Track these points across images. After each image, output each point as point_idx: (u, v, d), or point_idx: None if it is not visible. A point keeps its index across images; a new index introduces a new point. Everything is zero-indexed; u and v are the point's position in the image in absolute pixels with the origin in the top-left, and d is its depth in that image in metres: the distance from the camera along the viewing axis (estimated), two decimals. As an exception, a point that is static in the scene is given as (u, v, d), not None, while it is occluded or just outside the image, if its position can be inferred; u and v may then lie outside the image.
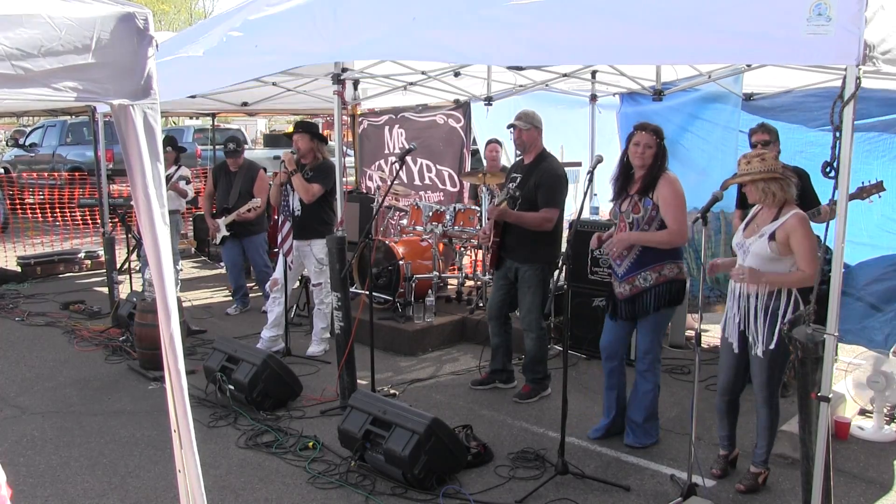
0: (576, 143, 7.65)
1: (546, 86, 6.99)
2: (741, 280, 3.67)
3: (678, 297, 4.22)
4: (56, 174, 14.60)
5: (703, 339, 4.18)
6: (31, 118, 19.66)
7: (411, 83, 7.39)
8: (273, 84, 7.60)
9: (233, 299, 7.83)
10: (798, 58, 2.81)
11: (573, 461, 4.06)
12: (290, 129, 6.68)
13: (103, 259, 8.51)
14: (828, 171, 2.71)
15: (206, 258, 10.60)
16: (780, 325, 3.60)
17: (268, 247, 7.66)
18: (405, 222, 7.32)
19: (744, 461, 4.07)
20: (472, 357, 6.10)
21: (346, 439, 4.16)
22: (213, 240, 7.76)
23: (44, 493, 3.89)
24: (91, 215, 11.74)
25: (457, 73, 6.86)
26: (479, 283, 7.14)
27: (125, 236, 8.96)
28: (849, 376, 4.86)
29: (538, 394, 5.22)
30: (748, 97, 6.55)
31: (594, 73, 6.59)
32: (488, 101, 7.14)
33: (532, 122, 5.03)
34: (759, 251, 3.64)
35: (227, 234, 7.36)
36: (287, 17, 4.44)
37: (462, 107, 8.13)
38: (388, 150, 9.15)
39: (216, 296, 8.52)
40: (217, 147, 13.40)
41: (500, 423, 4.84)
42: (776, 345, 3.63)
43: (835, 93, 2.67)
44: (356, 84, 8.08)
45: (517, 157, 5.52)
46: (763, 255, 3.63)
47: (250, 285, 8.10)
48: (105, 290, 7.92)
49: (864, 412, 4.87)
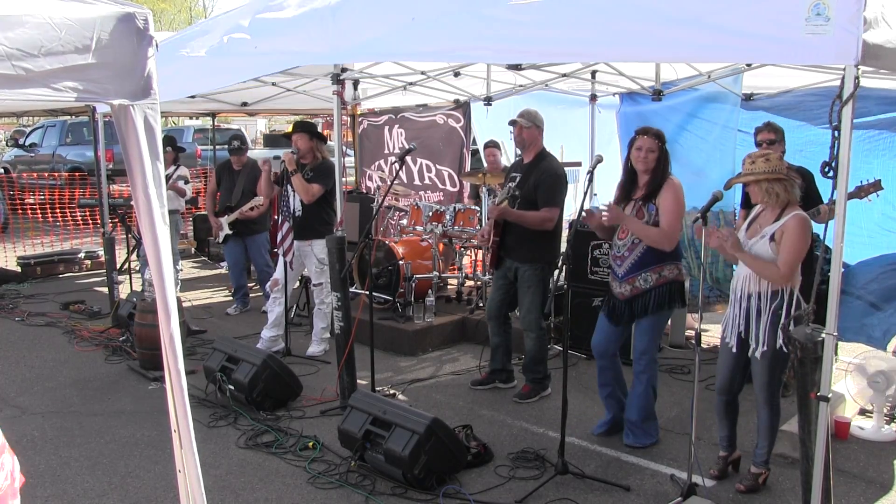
0: (575, 143, 7.65)
1: (546, 86, 6.99)
2: (720, 243, 3.61)
3: (677, 298, 4.23)
4: (56, 174, 14.59)
5: (703, 339, 4.18)
6: (31, 118, 19.67)
7: (411, 83, 7.38)
8: (273, 84, 7.60)
9: (233, 299, 7.83)
10: (797, 58, 2.82)
11: (573, 461, 4.06)
12: (290, 129, 6.66)
13: (103, 259, 8.51)
14: (826, 170, 2.72)
15: (206, 258, 10.60)
16: (783, 325, 3.60)
17: (269, 246, 7.67)
18: (405, 222, 7.32)
19: (744, 461, 4.07)
20: (472, 357, 6.10)
21: (346, 439, 4.16)
22: (216, 238, 7.77)
23: (44, 493, 3.89)
24: (91, 215, 11.74)
25: (457, 73, 6.86)
26: (479, 283, 7.14)
27: (125, 236, 8.97)
28: (849, 376, 4.87)
29: (538, 394, 5.22)
30: (748, 97, 6.55)
31: (594, 73, 6.59)
32: (488, 101, 7.14)
33: (533, 121, 5.03)
34: (760, 252, 3.64)
35: (229, 232, 7.37)
36: (287, 18, 4.44)
37: (462, 107, 8.13)
38: (387, 150, 9.15)
39: (216, 296, 8.53)
40: (217, 147, 13.40)
41: (500, 423, 4.84)
42: (777, 345, 3.63)
43: (834, 92, 2.67)
44: (356, 84, 8.08)
45: (517, 157, 5.52)
46: (764, 255, 3.62)
47: (251, 285, 8.11)
48: (105, 290, 7.93)
49: (864, 412, 4.88)
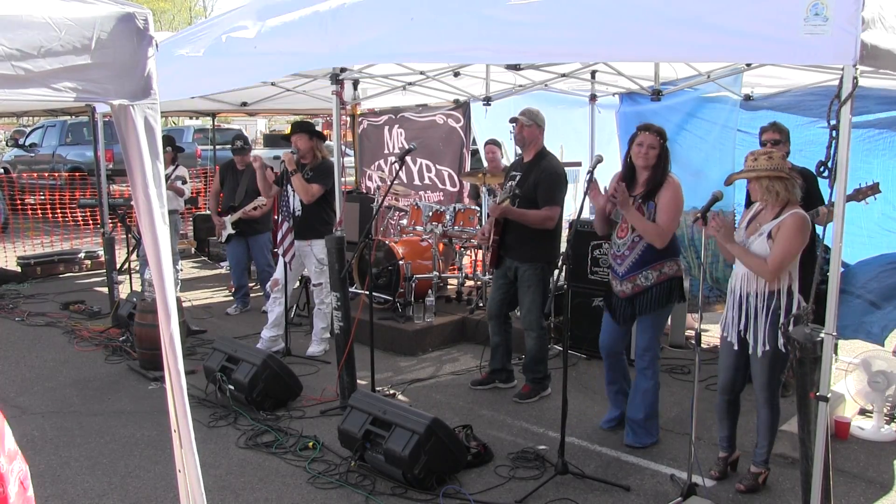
0: (575, 143, 7.65)
1: (545, 86, 6.98)
2: (715, 231, 3.64)
3: (676, 293, 4.25)
4: (56, 174, 14.58)
5: (703, 338, 4.18)
6: (31, 118, 19.67)
7: (410, 83, 7.38)
8: (272, 84, 7.59)
9: (233, 298, 7.84)
10: (795, 57, 2.82)
11: (573, 461, 4.06)
12: (288, 130, 6.66)
13: (103, 259, 8.51)
14: (822, 170, 2.71)
15: (206, 258, 10.60)
16: (782, 324, 3.60)
17: (272, 246, 7.68)
18: (405, 222, 7.32)
19: (744, 461, 4.07)
20: (472, 357, 6.10)
21: (346, 439, 4.16)
22: (219, 238, 7.79)
23: (44, 494, 3.89)
24: (91, 215, 11.74)
25: (456, 73, 6.85)
26: (479, 283, 7.14)
27: (125, 236, 8.96)
28: (849, 376, 4.87)
29: (538, 393, 5.22)
30: (747, 97, 6.55)
31: (593, 73, 6.58)
32: (487, 101, 7.14)
33: (535, 120, 5.03)
34: (759, 250, 3.64)
35: (232, 232, 7.39)
36: (286, 18, 4.44)
37: (462, 107, 8.13)
38: (387, 150, 9.15)
39: (216, 296, 8.52)
40: (217, 147, 13.40)
41: (500, 423, 4.84)
42: (777, 345, 3.63)
43: (834, 91, 2.67)
44: (356, 84, 8.09)
45: (517, 156, 5.52)
46: (763, 253, 3.63)
47: (251, 285, 8.11)
48: (105, 290, 7.92)
49: (864, 412, 4.87)
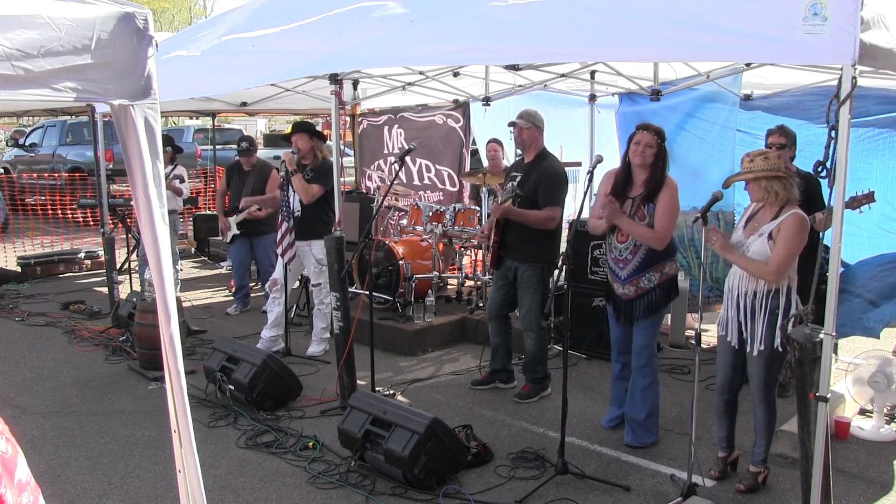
0: (575, 143, 7.65)
1: (545, 86, 6.98)
2: (712, 243, 3.69)
3: (673, 291, 4.35)
4: (56, 174, 14.59)
5: (703, 338, 4.18)
6: (31, 118, 19.67)
7: (410, 83, 7.39)
8: (272, 84, 7.59)
9: (234, 298, 7.84)
10: (794, 57, 2.82)
11: (573, 461, 4.06)
12: (289, 130, 6.66)
13: (103, 259, 8.51)
14: (819, 170, 2.71)
15: (206, 258, 10.60)
16: (781, 324, 3.60)
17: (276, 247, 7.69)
18: (405, 222, 7.33)
19: (744, 461, 4.08)
20: (472, 357, 6.10)
21: (346, 439, 4.16)
22: (224, 238, 7.81)
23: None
24: (91, 215, 11.74)
25: (456, 74, 6.86)
26: (479, 283, 7.14)
27: (125, 236, 8.96)
28: (849, 376, 4.87)
29: (538, 394, 5.22)
30: (747, 97, 6.55)
31: (593, 73, 6.58)
32: (486, 101, 7.14)
33: (533, 121, 5.03)
34: (758, 250, 3.64)
35: (237, 232, 7.40)
36: (286, 19, 4.45)
37: (461, 107, 8.13)
38: (387, 150, 9.15)
39: (216, 296, 8.52)
40: (217, 147, 13.40)
41: (500, 423, 4.84)
42: (774, 344, 3.63)
43: (833, 91, 2.67)
44: (355, 84, 8.09)
45: (517, 157, 5.52)
46: (763, 254, 3.63)
47: (252, 285, 8.11)
48: (105, 290, 7.92)
49: (864, 412, 4.88)
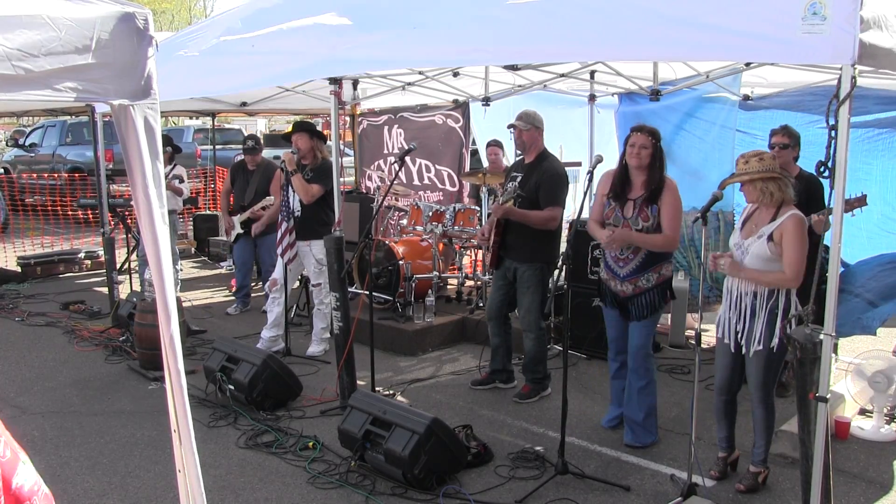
0: (575, 143, 7.65)
1: (544, 86, 6.98)
2: (723, 270, 3.72)
3: (669, 292, 4.38)
4: (56, 174, 14.59)
5: (703, 338, 4.19)
6: (31, 118, 19.66)
7: (410, 83, 7.39)
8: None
9: (234, 298, 7.84)
10: (793, 57, 2.82)
11: (573, 461, 4.06)
12: (290, 129, 6.68)
13: (103, 259, 8.51)
14: (822, 170, 2.72)
15: (206, 258, 10.60)
16: (781, 325, 3.61)
17: None
18: (405, 222, 7.33)
19: (744, 461, 4.08)
20: (472, 357, 6.10)
21: (346, 439, 4.16)
22: (228, 237, 7.82)
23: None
24: (92, 215, 11.74)
25: (455, 74, 6.86)
26: (479, 283, 7.14)
27: (125, 236, 8.96)
28: (849, 376, 4.87)
29: (538, 394, 5.22)
30: (746, 97, 6.55)
31: (592, 73, 6.58)
32: (486, 101, 7.14)
33: (532, 123, 5.02)
34: (758, 252, 3.64)
35: (241, 231, 7.40)
36: (285, 19, 4.45)
37: (461, 107, 8.13)
38: (387, 150, 9.15)
39: (216, 296, 8.52)
40: (217, 147, 13.39)
41: (500, 423, 4.85)
42: (773, 344, 3.64)
43: (833, 91, 2.67)
44: (355, 84, 8.09)
45: (517, 157, 5.51)
46: (762, 255, 3.63)
47: (252, 285, 8.11)
48: (105, 290, 7.92)
49: (864, 412, 4.88)
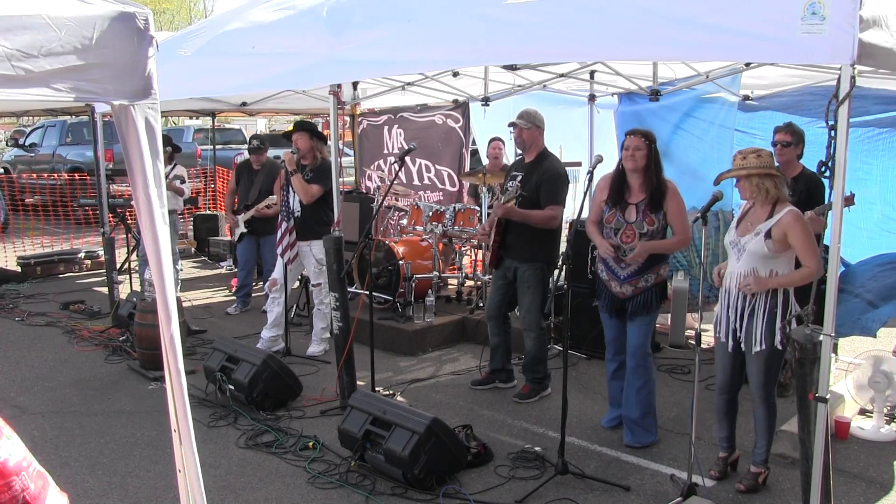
0: (574, 143, 7.65)
1: (544, 86, 6.98)
2: (749, 290, 3.67)
3: (665, 293, 4.43)
4: (56, 174, 14.59)
5: (703, 338, 4.19)
6: (31, 118, 19.65)
7: (409, 83, 7.39)
8: (271, 84, 7.59)
9: (234, 298, 7.84)
10: (792, 57, 2.82)
11: (573, 461, 4.06)
12: (290, 128, 6.70)
13: (103, 259, 8.51)
14: (823, 170, 2.72)
15: (206, 258, 10.60)
16: (782, 325, 3.61)
17: None
18: (405, 222, 7.33)
19: (744, 461, 4.08)
20: (472, 357, 6.10)
21: (346, 439, 4.16)
22: (233, 236, 7.82)
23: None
24: (93, 215, 11.74)
25: (455, 74, 6.86)
26: (479, 283, 7.14)
27: (125, 236, 8.96)
28: (849, 376, 4.87)
29: (538, 393, 5.22)
30: (746, 97, 6.55)
31: (592, 73, 6.58)
32: (485, 101, 7.14)
33: (533, 121, 5.02)
34: (755, 249, 3.64)
35: (245, 230, 7.40)
36: (285, 19, 4.45)
37: (461, 107, 8.13)
38: (387, 150, 9.15)
39: (216, 296, 8.53)
40: (217, 147, 13.38)
41: (500, 423, 4.85)
42: (774, 344, 3.64)
43: (832, 91, 2.67)
44: (355, 84, 8.08)
45: (517, 156, 5.51)
46: (759, 253, 3.63)
47: (253, 285, 8.11)
48: (105, 290, 7.92)
49: (864, 412, 4.88)
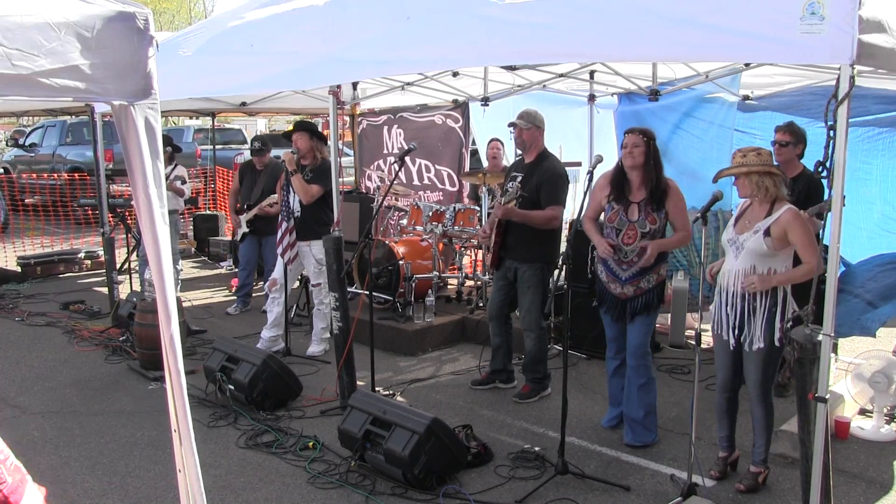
0: (574, 143, 7.65)
1: (543, 86, 6.98)
2: (753, 289, 3.67)
3: (663, 293, 4.44)
4: (56, 174, 14.59)
5: (703, 338, 4.19)
6: (31, 118, 19.65)
7: (409, 83, 7.39)
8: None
9: (234, 298, 7.84)
10: (791, 57, 2.83)
11: (573, 461, 4.06)
12: (290, 127, 6.71)
13: (103, 259, 8.51)
14: (820, 170, 2.73)
15: (206, 258, 10.60)
16: (781, 324, 3.61)
17: None
18: (405, 222, 7.33)
19: (744, 461, 4.08)
20: (472, 357, 6.10)
21: (346, 439, 4.16)
22: (236, 236, 7.82)
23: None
24: (92, 215, 11.74)
25: (455, 74, 6.85)
26: (479, 283, 7.14)
27: (125, 236, 8.96)
28: (849, 376, 4.87)
29: (538, 394, 5.22)
30: (746, 97, 6.55)
31: (592, 73, 6.58)
32: (485, 101, 7.14)
33: (533, 122, 5.02)
34: (754, 247, 3.65)
35: (247, 230, 7.41)
36: (285, 19, 4.45)
37: (460, 107, 8.13)
38: (386, 150, 9.15)
39: (216, 296, 8.53)
40: (217, 147, 13.38)
41: (500, 423, 4.85)
42: (773, 342, 3.64)
43: (832, 91, 2.67)
44: (355, 84, 8.08)
45: (517, 157, 5.51)
46: (758, 250, 3.63)
47: (254, 285, 8.11)
48: (105, 290, 7.92)
49: (864, 412, 4.88)
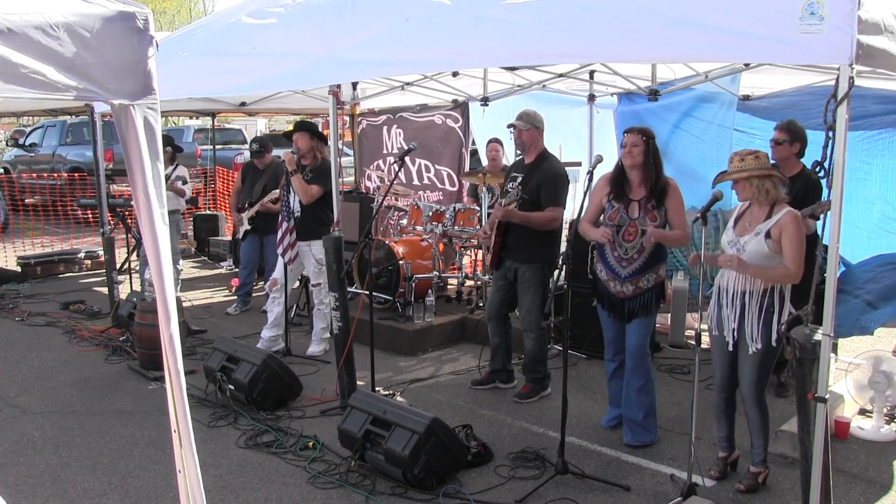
0: (574, 143, 7.65)
1: (543, 86, 6.97)
2: (728, 266, 3.70)
3: (663, 294, 4.45)
4: (56, 174, 14.59)
5: (703, 338, 4.20)
6: (31, 118, 19.66)
7: (409, 83, 7.39)
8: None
9: (235, 297, 7.84)
10: (791, 57, 2.83)
11: (573, 461, 4.06)
12: (291, 127, 6.71)
13: (103, 259, 8.51)
14: (818, 170, 2.73)
15: (206, 258, 10.61)
16: (778, 324, 3.62)
17: None
18: (405, 222, 7.33)
19: (744, 461, 4.08)
20: (472, 357, 6.10)
21: (346, 439, 4.17)
22: (237, 235, 7.82)
23: (44, 493, 3.90)
24: (92, 215, 11.74)
25: (455, 74, 6.85)
26: (479, 282, 7.14)
27: (125, 236, 8.96)
28: (849, 376, 4.87)
29: (538, 393, 5.22)
30: (745, 97, 6.55)
31: (591, 73, 6.58)
32: (485, 101, 7.14)
33: (532, 122, 5.02)
34: (756, 249, 3.65)
35: (248, 228, 7.42)
36: (285, 19, 4.45)
37: (460, 107, 8.13)
38: (386, 150, 9.15)
39: (216, 296, 8.53)
40: (217, 147, 13.38)
41: (500, 423, 4.85)
42: (769, 343, 3.64)
43: (831, 91, 2.67)
44: (355, 84, 8.08)
45: (517, 157, 5.51)
46: (760, 252, 3.64)
47: (253, 285, 8.12)
48: (105, 290, 7.92)
49: (864, 412, 4.88)
